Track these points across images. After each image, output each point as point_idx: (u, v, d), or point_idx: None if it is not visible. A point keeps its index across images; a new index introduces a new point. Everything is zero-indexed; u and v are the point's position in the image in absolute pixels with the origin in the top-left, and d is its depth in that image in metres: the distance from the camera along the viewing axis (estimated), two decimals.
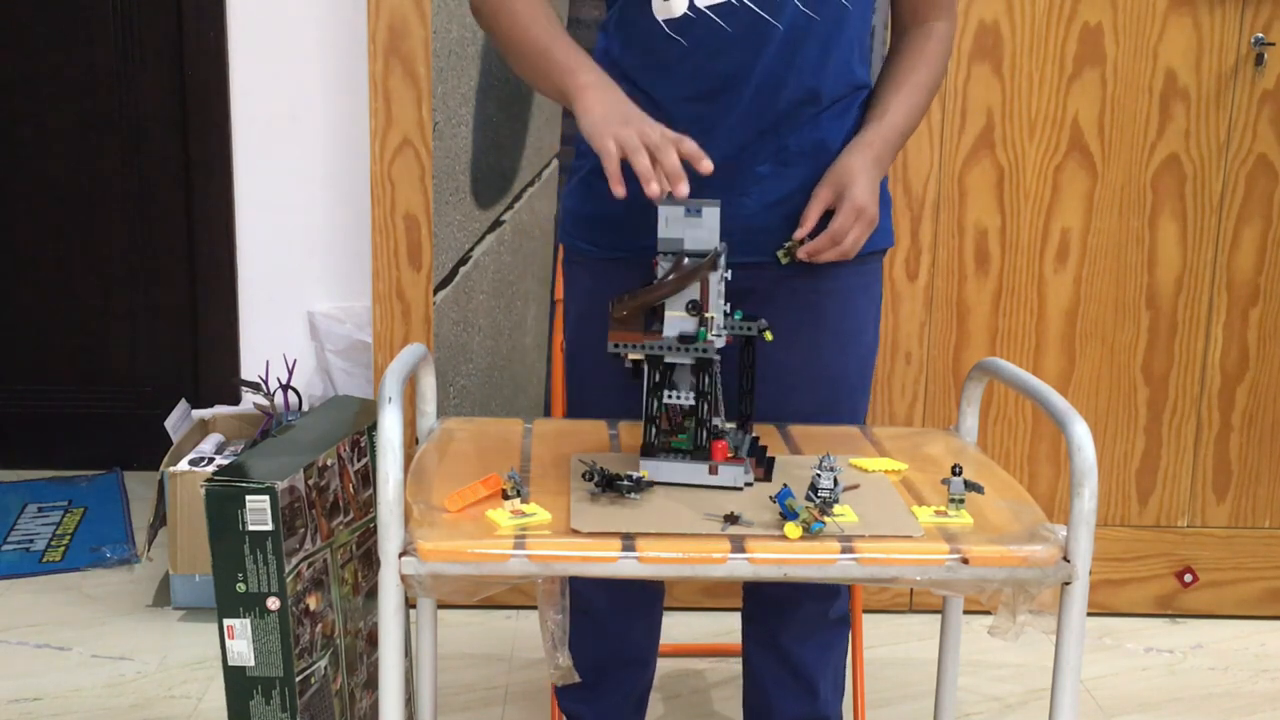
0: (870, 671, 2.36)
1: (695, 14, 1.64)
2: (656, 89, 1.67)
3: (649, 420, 1.46)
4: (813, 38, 1.65)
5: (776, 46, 1.64)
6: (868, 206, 1.64)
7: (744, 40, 1.64)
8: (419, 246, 2.55)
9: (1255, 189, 2.59)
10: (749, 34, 1.63)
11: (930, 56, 1.76)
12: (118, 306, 3.39)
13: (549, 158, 2.56)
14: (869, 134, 1.70)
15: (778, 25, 1.63)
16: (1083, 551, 1.34)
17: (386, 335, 2.58)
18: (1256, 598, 2.75)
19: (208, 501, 1.58)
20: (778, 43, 1.64)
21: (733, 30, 1.63)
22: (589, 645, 1.95)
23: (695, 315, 1.44)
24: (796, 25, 1.64)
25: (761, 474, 1.49)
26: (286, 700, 1.64)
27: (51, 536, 3.00)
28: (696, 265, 1.44)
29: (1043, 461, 2.68)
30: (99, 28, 3.24)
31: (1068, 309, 2.61)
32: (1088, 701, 2.41)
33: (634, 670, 2.00)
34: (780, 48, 1.64)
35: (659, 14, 1.65)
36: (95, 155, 3.31)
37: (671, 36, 1.65)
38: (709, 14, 1.63)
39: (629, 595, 1.93)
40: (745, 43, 1.64)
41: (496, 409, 2.62)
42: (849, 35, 1.69)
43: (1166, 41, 2.51)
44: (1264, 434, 2.69)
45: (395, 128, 2.51)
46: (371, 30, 2.47)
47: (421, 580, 1.31)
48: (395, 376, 1.41)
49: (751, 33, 1.63)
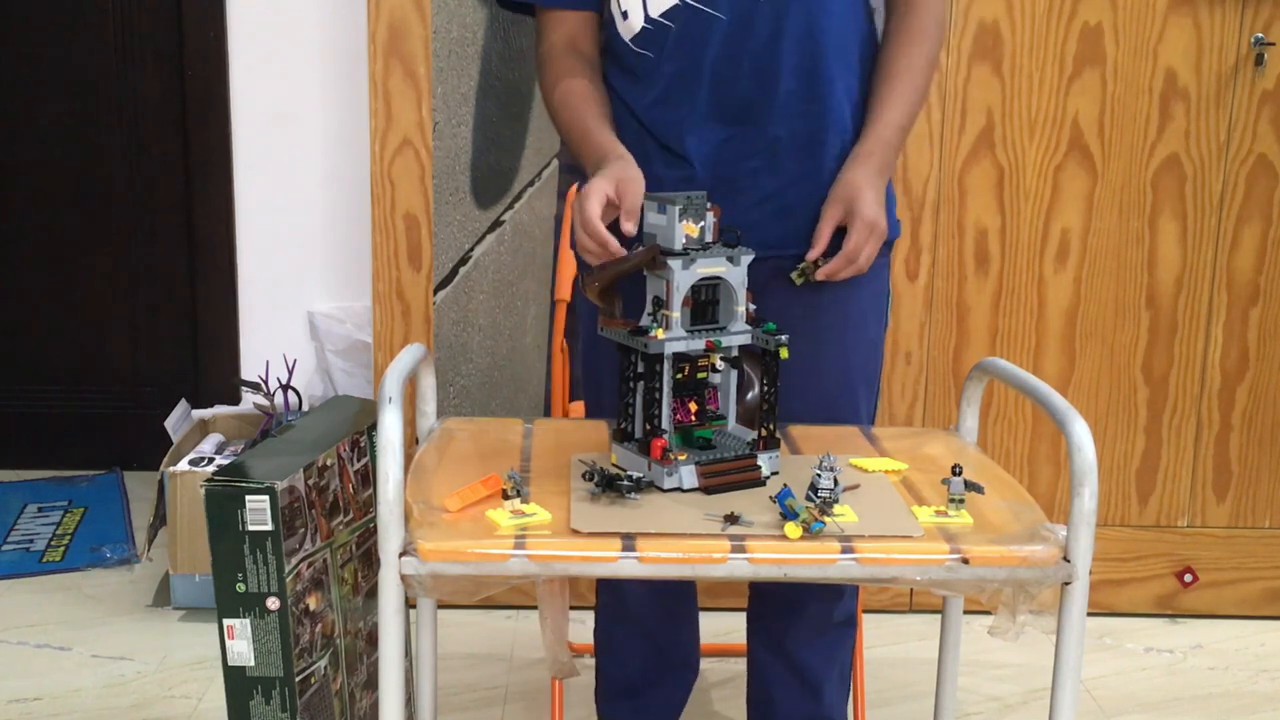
0: (870, 671, 2.36)
1: (653, 25, 1.67)
2: (632, 100, 1.72)
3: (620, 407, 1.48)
4: (760, 23, 1.65)
5: (721, 37, 1.65)
6: (877, 221, 1.64)
7: (691, 37, 1.65)
8: (419, 246, 2.55)
9: (1255, 189, 2.59)
10: (694, 29, 1.65)
11: (920, 34, 1.74)
12: (118, 306, 3.39)
13: (549, 158, 2.56)
14: (868, 142, 1.69)
15: (719, 16, 1.64)
16: (1083, 551, 1.34)
17: (386, 335, 2.58)
18: (1256, 598, 2.75)
19: (208, 501, 1.58)
20: (722, 33, 1.65)
21: (678, 28, 1.65)
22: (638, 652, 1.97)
23: (655, 310, 1.46)
24: (739, 13, 1.65)
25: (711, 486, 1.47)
26: (286, 700, 1.64)
27: (51, 536, 3.00)
28: (639, 250, 1.46)
29: (1043, 461, 2.68)
30: (99, 28, 3.24)
31: (1068, 309, 2.61)
32: (1088, 701, 2.41)
33: (682, 673, 2.02)
34: (727, 38, 1.65)
35: (624, 34, 1.71)
36: (95, 155, 3.31)
37: (639, 51, 1.70)
38: (664, 21, 1.66)
39: (675, 598, 1.95)
40: (692, 39, 1.65)
41: (496, 409, 2.62)
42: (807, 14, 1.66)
43: (1166, 41, 2.51)
44: (1264, 434, 2.69)
45: (395, 128, 2.50)
46: (371, 30, 2.47)
47: (421, 580, 1.31)
48: (395, 376, 1.41)
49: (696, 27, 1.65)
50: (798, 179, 1.69)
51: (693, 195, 1.46)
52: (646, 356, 1.44)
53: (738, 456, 1.48)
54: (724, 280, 1.48)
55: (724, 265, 1.47)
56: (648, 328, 1.45)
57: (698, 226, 1.46)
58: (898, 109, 1.71)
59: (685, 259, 1.44)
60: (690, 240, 1.46)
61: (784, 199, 1.69)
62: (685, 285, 1.45)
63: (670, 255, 1.44)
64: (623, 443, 1.50)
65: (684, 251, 1.45)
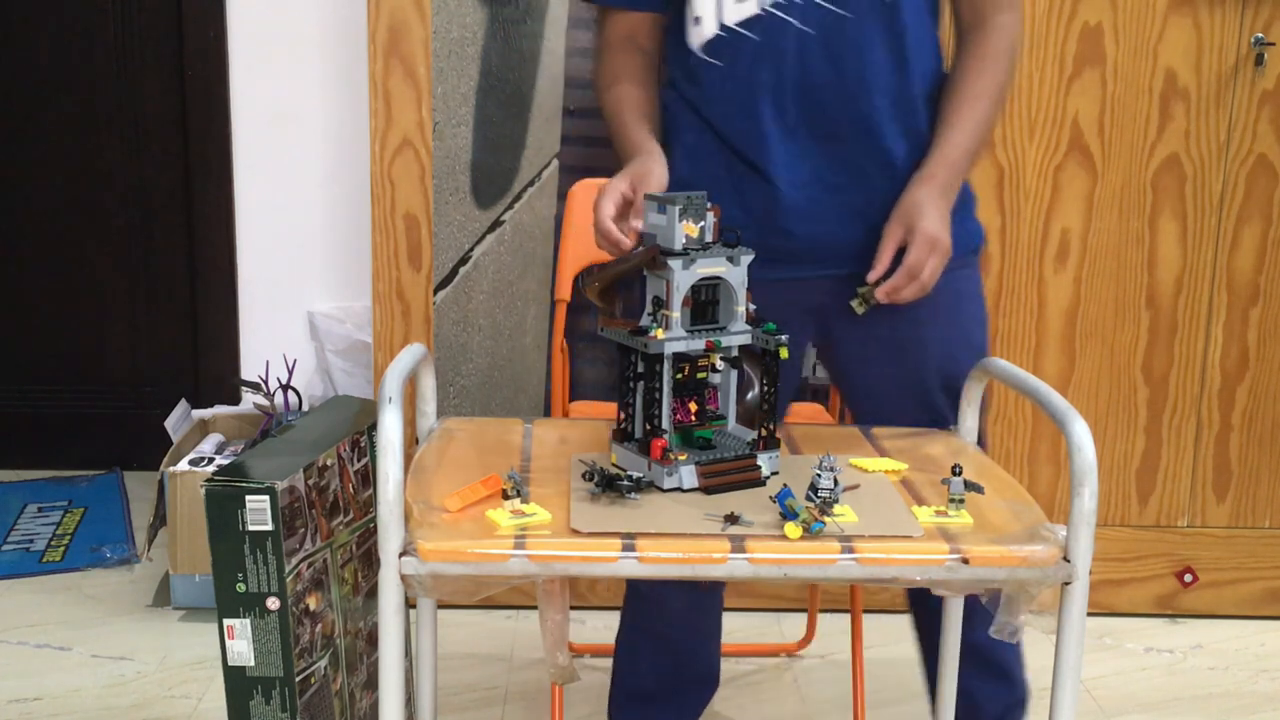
0: (870, 671, 2.36)
1: (727, 33, 1.65)
2: (705, 110, 1.70)
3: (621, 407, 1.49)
4: (845, 37, 1.63)
5: (806, 51, 1.63)
6: (939, 236, 1.62)
7: (772, 48, 1.63)
8: (419, 246, 2.55)
9: (1255, 189, 2.59)
10: (775, 41, 1.63)
11: (992, 58, 1.71)
12: (118, 306, 3.39)
13: (549, 158, 2.56)
14: (932, 164, 1.67)
15: (808, 30, 1.62)
16: (1083, 551, 1.34)
17: (386, 335, 2.58)
18: (1256, 598, 2.75)
19: (208, 501, 1.58)
20: (807, 46, 1.63)
21: (761, 39, 1.63)
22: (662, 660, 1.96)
23: (655, 310, 1.46)
24: (826, 26, 1.62)
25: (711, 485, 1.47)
26: (286, 700, 1.64)
27: (51, 536, 3.00)
28: (639, 251, 1.46)
29: (1043, 461, 2.68)
30: (99, 28, 3.24)
31: (1068, 309, 2.61)
32: (1088, 701, 2.41)
33: (700, 688, 2.01)
34: (812, 52, 1.63)
35: (693, 41, 1.68)
36: (95, 155, 3.31)
37: (710, 61, 1.68)
38: (740, 30, 1.64)
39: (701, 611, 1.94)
40: (774, 51, 1.63)
41: (496, 409, 2.62)
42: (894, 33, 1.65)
43: (1166, 41, 2.51)
44: (1264, 434, 2.69)
45: (395, 128, 2.50)
46: (371, 30, 2.47)
47: (421, 580, 1.31)
48: (395, 376, 1.41)
49: (777, 39, 1.63)
50: (884, 197, 1.68)
51: (692, 195, 1.46)
52: (646, 356, 1.44)
53: (738, 456, 1.48)
54: (724, 280, 1.48)
55: (724, 265, 1.47)
56: (648, 328, 1.45)
57: (698, 226, 1.46)
58: (964, 132, 1.68)
59: (685, 259, 1.44)
60: (690, 240, 1.46)
61: (869, 217, 1.68)
62: (685, 285, 1.45)
63: (670, 255, 1.44)
64: (623, 443, 1.50)
65: (684, 251, 1.45)
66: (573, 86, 2.53)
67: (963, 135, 1.68)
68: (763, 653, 2.56)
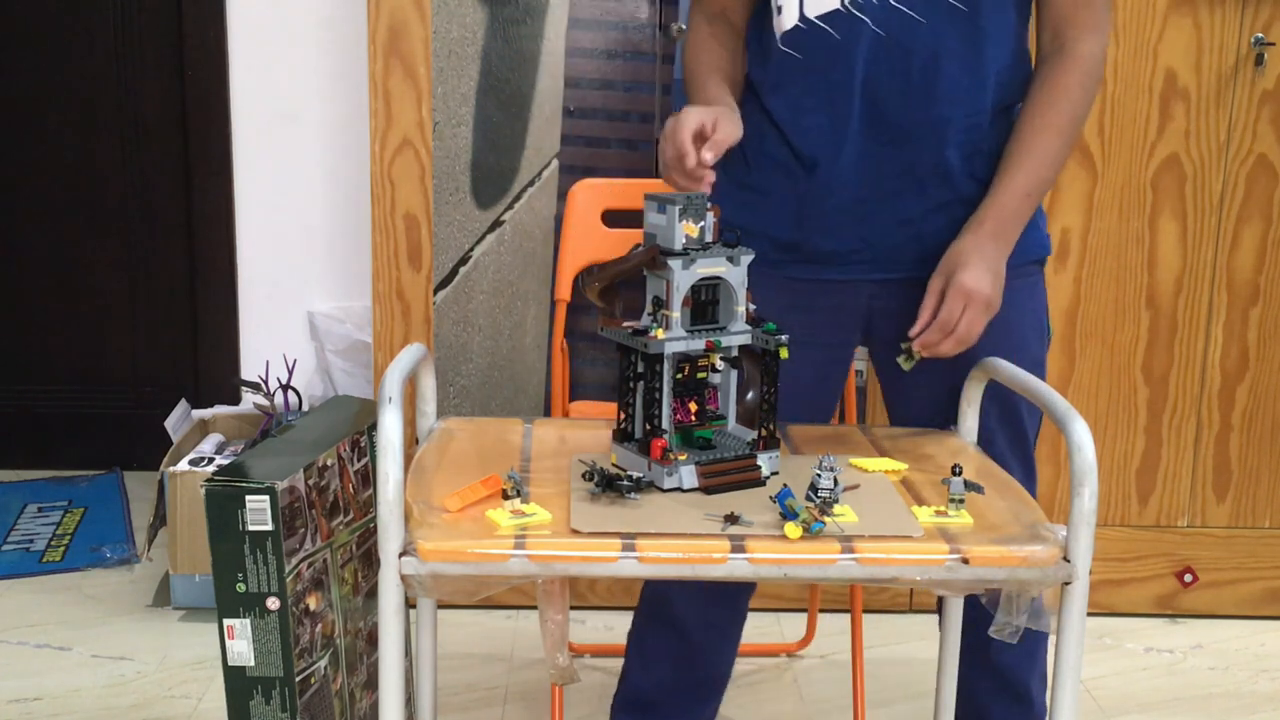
0: (870, 671, 2.36)
1: (806, 25, 1.64)
2: (772, 103, 1.69)
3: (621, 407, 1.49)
4: (917, 42, 1.61)
5: (878, 51, 1.61)
6: (976, 289, 1.58)
7: (846, 46, 1.62)
8: (419, 246, 2.55)
9: (1255, 189, 2.59)
10: (850, 39, 1.62)
11: (1065, 90, 1.63)
12: (118, 306, 3.39)
13: (549, 158, 2.56)
14: (983, 209, 1.63)
15: (879, 31, 1.61)
16: (1083, 551, 1.34)
17: (386, 335, 2.58)
18: (1256, 598, 2.75)
19: (208, 501, 1.58)
20: (880, 47, 1.61)
21: (841, 38, 1.62)
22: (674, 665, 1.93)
23: (655, 310, 1.46)
24: (899, 28, 1.60)
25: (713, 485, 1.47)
26: (286, 700, 1.64)
27: (51, 536, 3.00)
28: (639, 251, 1.46)
29: (1043, 461, 2.66)
30: (99, 28, 3.24)
31: (1068, 309, 2.61)
32: (1088, 701, 2.41)
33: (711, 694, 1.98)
34: (884, 53, 1.61)
35: (776, 29, 1.67)
36: (95, 155, 3.31)
37: (787, 51, 1.67)
38: (819, 24, 1.63)
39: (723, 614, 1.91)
40: (848, 49, 1.62)
41: (496, 409, 2.62)
42: (971, 42, 1.62)
43: (1166, 41, 2.51)
44: (1264, 434, 2.69)
45: (395, 128, 2.50)
46: (371, 30, 2.47)
47: (421, 580, 1.31)
48: (395, 376, 1.41)
49: (851, 37, 1.62)
50: (938, 206, 1.67)
51: (693, 195, 1.46)
52: (646, 356, 1.44)
53: (738, 456, 1.48)
54: (724, 280, 1.48)
55: (724, 265, 1.47)
56: (648, 328, 1.45)
57: (698, 226, 1.46)
58: (1025, 173, 1.63)
59: (685, 259, 1.44)
60: (690, 240, 1.46)
61: (920, 224, 1.67)
62: (685, 285, 1.45)
63: (670, 255, 1.44)
64: (623, 443, 1.50)
65: (684, 251, 1.45)
66: (573, 86, 2.53)
67: (1023, 176, 1.62)
68: (763, 653, 2.56)
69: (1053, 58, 1.66)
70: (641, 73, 2.53)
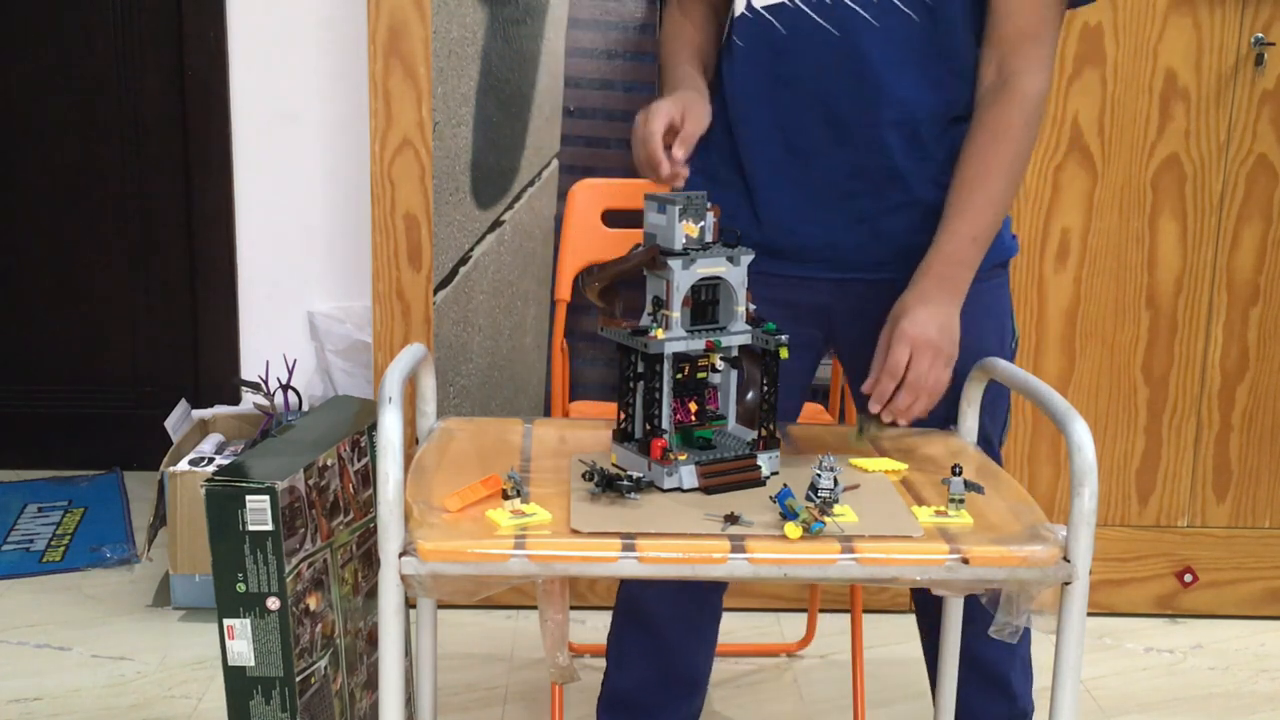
0: (870, 671, 2.36)
1: (753, 15, 1.65)
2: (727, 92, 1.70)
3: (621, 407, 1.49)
4: (868, 42, 1.61)
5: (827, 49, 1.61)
6: (921, 334, 1.56)
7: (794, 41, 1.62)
8: (419, 246, 2.55)
9: (1255, 189, 2.59)
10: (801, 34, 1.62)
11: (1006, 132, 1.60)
12: (118, 306, 3.39)
13: (549, 158, 2.56)
14: (929, 257, 1.61)
15: (833, 31, 1.61)
16: (1083, 551, 1.34)
17: (386, 335, 2.58)
18: (1256, 598, 2.75)
19: (208, 501, 1.58)
20: (829, 45, 1.61)
21: (786, 32, 1.62)
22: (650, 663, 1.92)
23: (655, 310, 1.46)
24: (849, 28, 1.60)
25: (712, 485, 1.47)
26: (286, 700, 1.64)
27: (51, 536, 3.00)
28: (639, 251, 1.46)
29: (1043, 461, 2.68)
30: (99, 28, 3.24)
31: (1068, 309, 2.61)
32: (1088, 701, 2.41)
33: (692, 691, 1.98)
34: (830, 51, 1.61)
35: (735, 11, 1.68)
36: (95, 155, 3.31)
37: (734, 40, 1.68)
38: (765, 15, 1.64)
39: (694, 612, 1.91)
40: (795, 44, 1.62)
41: (496, 409, 2.62)
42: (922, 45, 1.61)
43: (1166, 41, 2.51)
44: (1264, 434, 2.69)
45: (395, 128, 2.50)
46: (371, 30, 2.47)
47: (421, 580, 1.31)
48: (395, 376, 1.41)
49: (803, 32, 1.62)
50: (897, 206, 1.66)
51: (692, 195, 1.46)
52: (646, 356, 1.44)
53: (738, 456, 1.48)
54: (724, 280, 1.48)
55: (724, 265, 1.47)
56: (648, 328, 1.45)
57: (698, 226, 1.46)
58: (969, 219, 1.61)
59: (685, 259, 1.44)
60: (690, 240, 1.46)
61: (875, 222, 1.67)
62: (685, 285, 1.45)
63: (670, 255, 1.44)
64: (623, 443, 1.50)
65: (684, 251, 1.45)
66: (573, 86, 2.53)
67: (967, 223, 1.60)
68: (763, 653, 2.56)
69: (995, 93, 1.63)
70: (641, 73, 2.53)
